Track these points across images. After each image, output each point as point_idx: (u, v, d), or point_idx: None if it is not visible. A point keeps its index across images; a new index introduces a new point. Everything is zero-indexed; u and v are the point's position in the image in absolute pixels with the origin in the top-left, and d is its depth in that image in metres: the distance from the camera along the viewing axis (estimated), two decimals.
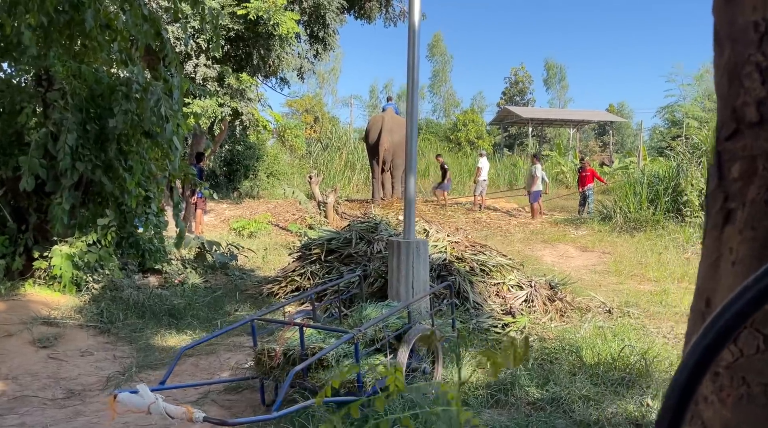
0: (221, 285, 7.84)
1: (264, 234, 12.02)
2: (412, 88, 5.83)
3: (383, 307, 4.64)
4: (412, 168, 5.88)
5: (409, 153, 5.89)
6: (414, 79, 5.82)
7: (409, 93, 5.83)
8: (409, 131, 5.85)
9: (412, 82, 5.81)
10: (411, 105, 5.83)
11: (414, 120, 5.85)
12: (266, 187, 22.62)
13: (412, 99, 5.84)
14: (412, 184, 5.91)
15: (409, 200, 5.90)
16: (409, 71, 5.82)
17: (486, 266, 6.71)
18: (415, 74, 5.83)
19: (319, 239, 7.32)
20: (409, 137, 5.86)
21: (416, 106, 5.87)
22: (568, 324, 5.87)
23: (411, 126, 5.84)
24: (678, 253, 9.94)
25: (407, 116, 5.85)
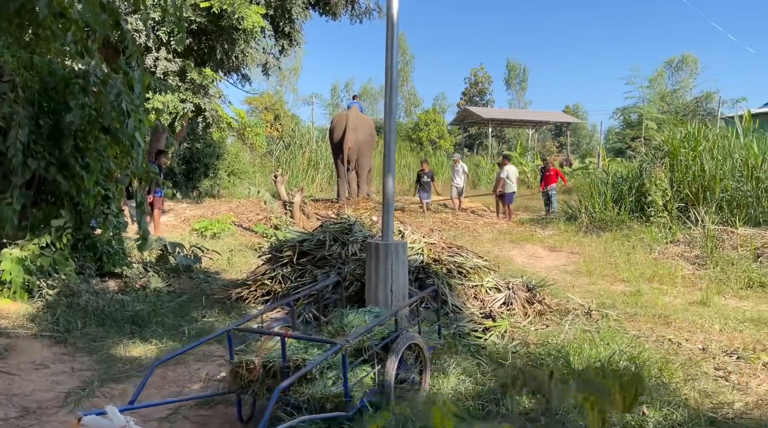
0: (186, 289, 7.46)
1: (228, 235, 11.61)
2: (390, 85, 5.61)
3: (365, 314, 4.40)
4: (391, 168, 5.67)
5: (388, 152, 5.67)
6: (392, 77, 5.61)
7: (388, 90, 5.62)
8: (387, 129, 5.63)
9: (391, 79, 5.60)
10: (390, 101, 5.61)
11: (393, 117, 5.64)
12: (227, 186, 22.06)
13: (391, 96, 5.63)
14: (390, 184, 5.69)
15: (388, 201, 5.69)
16: (388, 68, 5.61)
17: (463, 268, 6.54)
18: (393, 72, 5.62)
19: (291, 240, 7.03)
20: (387, 135, 5.65)
21: (395, 103, 5.66)
22: (549, 327, 5.75)
23: (389, 124, 5.63)
24: (645, 253, 10.00)
25: (386, 113, 5.64)
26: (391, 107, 5.63)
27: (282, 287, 6.59)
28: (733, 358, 4.97)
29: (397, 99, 5.70)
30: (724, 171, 11.89)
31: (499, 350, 5.05)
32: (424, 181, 16.37)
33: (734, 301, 7.26)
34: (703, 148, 12.80)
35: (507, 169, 15.43)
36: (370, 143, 16.71)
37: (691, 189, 12.25)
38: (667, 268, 8.88)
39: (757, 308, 6.73)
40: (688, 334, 5.64)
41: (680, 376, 4.28)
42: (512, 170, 15.62)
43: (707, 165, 12.26)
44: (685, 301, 7.13)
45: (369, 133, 16.53)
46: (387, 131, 5.64)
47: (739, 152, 12.22)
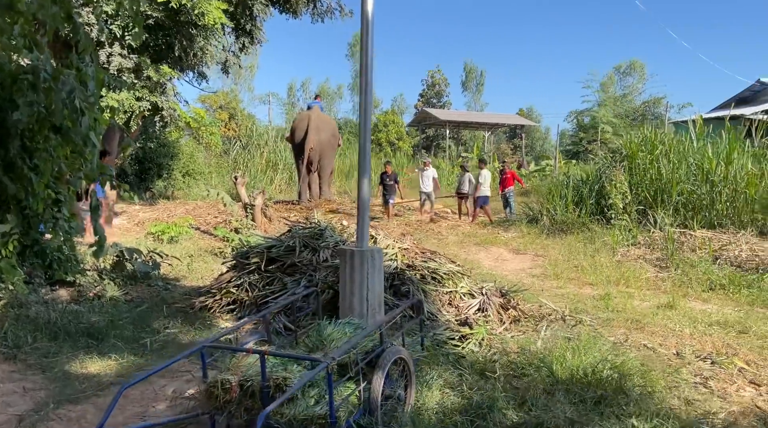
0: (145, 298, 7.08)
1: (186, 239, 11.18)
2: (366, 85, 5.42)
3: (345, 326, 4.20)
4: (366, 170, 5.49)
5: (363, 153, 5.49)
6: (368, 76, 5.43)
7: (363, 89, 5.43)
8: (362, 129, 5.45)
9: (367, 78, 5.42)
10: (365, 101, 5.43)
11: (368, 118, 5.45)
12: (182, 187, 21.41)
13: (366, 96, 5.44)
14: (365, 187, 5.51)
15: (363, 205, 5.50)
16: (363, 67, 5.42)
17: (437, 273, 6.41)
18: (369, 72, 5.44)
19: (258, 246, 6.75)
20: (362, 136, 5.46)
21: (370, 103, 5.48)
22: (525, 334, 5.67)
23: (365, 124, 5.44)
24: (608, 256, 10.11)
25: (360, 111, 5.45)
26: (366, 108, 5.45)
27: (249, 296, 6.32)
28: (707, 363, 4.99)
29: (372, 99, 5.51)
30: (680, 175, 12.16)
31: (479, 359, 4.92)
32: (388, 184, 15.70)
33: (698, 304, 7.35)
34: (659, 152, 13.08)
35: (483, 173, 15.34)
36: (332, 144, 16.45)
37: (649, 192, 12.48)
38: (632, 271, 8.97)
39: (721, 311, 6.82)
40: (661, 339, 5.65)
41: (662, 384, 4.24)
42: (488, 174, 15.52)
43: (664, 169, 12.52)
44: (652, 304, 7.19)
45: (331, 133, 16.27)
46: (362, 131, 5.46)
47: (694, 156, 12.52)
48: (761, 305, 7.21)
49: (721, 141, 12.39)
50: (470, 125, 47.14)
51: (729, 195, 11.22)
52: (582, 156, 34.45)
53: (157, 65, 10.19)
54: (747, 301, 7.40)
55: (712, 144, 12.17)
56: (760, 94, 21.69)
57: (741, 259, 9.11)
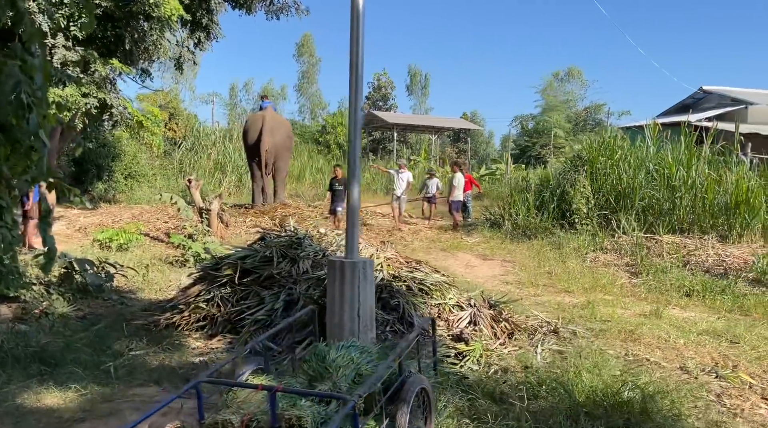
0: (100, 315, 6.41)
1: (137, 247, 10.40)
2: (356, 81, 5.03)
3: (348, 349, 3.77)
4: (356, 173, 5.08)
5: (353, 156, 5.08)
6: (357, 72, 5.03)
7: (353, 86, 5.03)
8: (352, 128, 5.05)
9: (356, 75, 5.02)
10: (355, 97, 5.03)
11: (357, 116, 5.06)
12: (123, 190, 20.25)
13: (356, 92, 5.04)
14: (356, 192, 5.10)
15: (353, 212, 5.09)
16: (353, 65, 5.02)
17: (424, 284, 6.06)
18: (359, 68, 5.05)
19: (230, 257, 6.21)
20: (352, 136, 5.06)
21: (360, 100, 5.09)
22: (522, 349, 5.39)
23: (354, 124, 5.04)
24: (579, 261, 10.04)
25: (350, 110, 5.05)
26: (356, 106, 5.05)
27: (222, 311, 5.78)
28: (713, 377, 4.84)
29: (362, 96, 5.11)
30: (640, 180, 12.29)
31: (482, 379, 4.59)
32: (337, 189, 13.91)
33: (678, 311, 7.30)
34: (618, 157, 13.21)
35: (457, 176, 15.02)
36: (287, 145, 15.86)
37: (610, 197, 12.56)
38: (605, 277, 8.90)
39: (706, 319, 6.77)
40: (659, 351, 5.49)
41: (686, 406, 4.03)
42: (461, 177, 15.19)
43: (624, 174, 12.64)
44: (635, 312, 7.08)
45: (286, 135, 15.67)
46: (351, 131, 5.06)
47: (653, 161, 12.70)
48: (739, 313, 7.22)
49: (673, 147, 12.61)
50: (417, 128, 47.13)
51: (690, 200, 11.40)
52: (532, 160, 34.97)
53: (106, 59, 9.42)
54: (725, 308, 7.40)
55: (672, 149, 12.36)
56: (702, 102, 22.51)
57: (708, 264, 9.20)
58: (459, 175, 14.99)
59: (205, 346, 5.44)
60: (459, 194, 14.80)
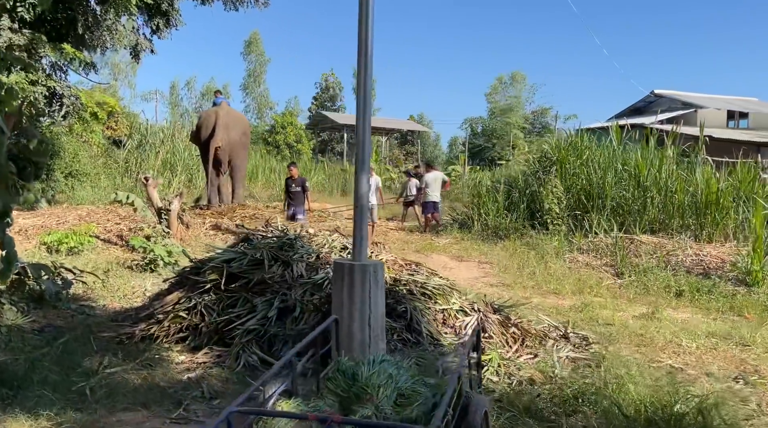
0: (60, 327, 5.68)
1: (90, 250, 9.54)
2: (364, 74, 4.58)
3: (381, 364, 3.30)
4: (365, 164, 4.63)
5: (362, 149, 4.63)
6: (367, 63, 4.59)
7: (361, 78, 4.60)
8: (361, 123, 4.59)
9: (365, 66, 4.57)
10: (363, 92, 4.58)
11: (367, 110, 4.62)
12: (64, 190, 18.91)
13: (365, 86, 4.60)
14: (364, 185, 4.66)
15: (361, 208, 4.64)
16: (362, 54, 4.57)
17: (426, 288, 5.65)
18: (368, 58, 4.59)
19: (213, 260, 5.60)
20: (361, 128, 4.61)
21: (369, 94, 4.64)
22: (537, 357, 5.04)
23: (364, 115, 4.59)
24: (556, 262, 9.85)
25: (358, 104, 4.61)
26: (365, 97, 4.59)
27: (206, 321, 5.18)
28: (740, 383, 4.63)
29: (371, 90, 4.66)
30: (609, 180, 12.28)
31: (509, 393, 4.21)
32: (294, 190, 12.56)
33: (673, 312, 7.15)
34: (587, 157, 13.19)
35: (430, 176, 14.44)
36: (244, 143, 15.08)
37: (581, 197, 12.51)
38: (590, 278, 8.74)
39: (704, 321, 6.65)
40: (676, 356, 5.27)
41: (738, 416, 3.77)
42: (436, 177, 14.63)
43: (594, 174, 12.61)
44: (632, 315, 6.89)
45: (243, 132, 14.89)
46: (361, 122, 4.60)
47: (622, 161, 12.72)
48: (732, 313, 7.14)
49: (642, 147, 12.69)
50: None
51: (660, 200, 11.45)
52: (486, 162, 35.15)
53: (57, 44, 8.56)
54: (715, 308, 7.33)
55: (641, 150, 12.42)
56: (653, 106, 23.10)
57: (687, 264, 9.18)
58: (431, 175, 14.50)
59: (191, 360, 4.84)
60: (436, 195, 14.32)
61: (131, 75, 53.11)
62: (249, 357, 4.71)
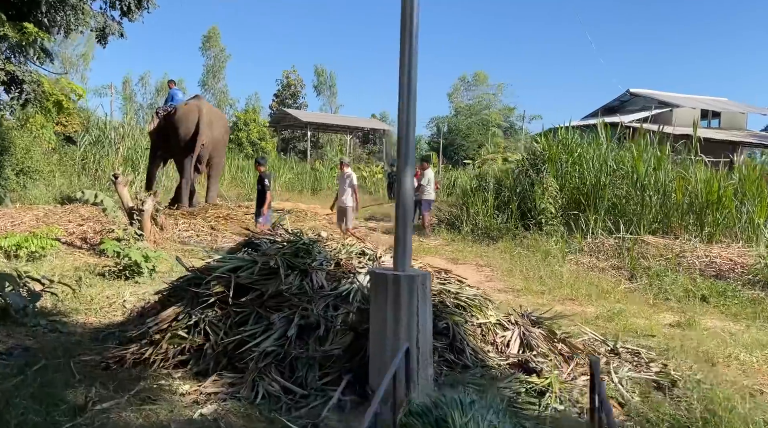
0: (32, 348, 4.80)
1: (54, 255, 8.54)
2: (409, 58, 3.90)
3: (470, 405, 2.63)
4: (409, 159, 3.96)
5: (405, 141, 3.94)
6: (411, 49, 3.92)
7: (405, 65, 3.91)
8: (404, 117, 3.91)
9: (409, 53, 3.90)
10: (408, 80, 3.90)
11: (412, 102, 3.94)
12: (15, 188, 17.51)
13: (409, 73, 3.91)
14: (408, 184, 3.98)
15: (405, 210, 3.97)
16: (404, 40, 3.90)
17: (460, 299, 4.99)
18: (412, 42, 3.92)
19: (216, 269, 4.79)
20: (404, 124, 3.93)
21: (414, 82, 3.96)
22: None
23: (408, 111, 3.92)
24: (562, 265, 9.36)
25: (403, 95, 3.96)
26: (408, 90, 3.90)
27: (211, 342, 4.40)
28: None
29: (416, 77, 3.98)
30: (604, 179, 11.91)
31: None
32: (258, 189, 10.85)
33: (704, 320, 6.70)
34: (578, 155, 12.81)
35: (426, 174, 13.71)
36: (225, 141, 14.22)
37: (575, 197, 12.10)
38: (606, 282, 8.26)
39: (740, 328, 6.22)
40: (744, 376, 4.75)
41: None
42: (431, 175, 13.91)
43: (587, 173, 12.23)
44: (666, 323, 6.40)
45: (224, 129, 14.03)
46: (404, 116, 3.92)
47: (615, 160, 12.37)
48: (761, 319, 6.74)
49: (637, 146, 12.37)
50: (331, 127, 45.90)
51: (659, 200, 11.12)
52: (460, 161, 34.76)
53: (18, 23, 7.56)
54: (743, 314, 6.92)
55: (637, 149, 12.08)
56: (627, 104, 23.07)
57: (699, 266, 8.81)
58: (427, 172, 13.78)
59: (197, 390, 4.05)
60: (429, 193, 13.61)
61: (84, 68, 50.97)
62: (269, 386, 3.96)
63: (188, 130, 12.74)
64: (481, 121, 47.00)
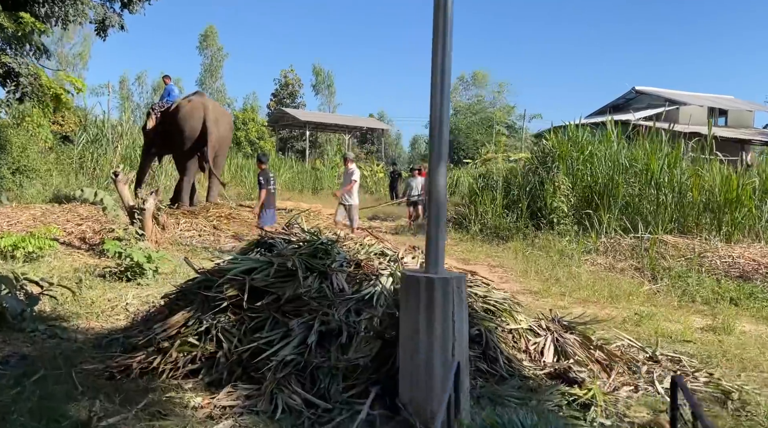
0: (29, 356, 4.46)
1: (52, 256, 8.20)
2: (443, 57, 3.58)
3: None
4: (442, 154, 3.63)
5: (439, 134, 3.62)
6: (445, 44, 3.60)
7: (438, 62, 3.58)
8: (437, 114, 3.60)
9: (444, 48, 3.58)
10: (441, 78, 3.58)
11: (446, 98, 3.62)
12: (11, 187, 17.14)
13: (442, 71, 3.59)
14: (442, 180, 3.66)
15: (439, 207, 3.65)
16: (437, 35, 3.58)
17: (489, 303, 4.67)
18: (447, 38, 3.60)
19: (228, 270, 4.45)
20: (437, 120, 3.62)
21: (448, 80, 3.64)
22: (641, 392, 4.10)
23: (442, 106, 3.60)
24: (580, 266, 9.05)
25: (436, 90, 3.64)
26: (442, 86, 3.59)
27: (225, 350, 4.07)
28: None
29: (450, 75, 3.66)
30: (618, 178, 11.60)
31: None
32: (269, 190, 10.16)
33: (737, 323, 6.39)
34: (589, 153, 12.51)
35: None
36: (229, 139, 13.92)
37: (585, 195, 11.80)
38: (627, 284, 7.95)
39: None
40: None
41: None
42: None
43: (599, 171, 11.93)
44: (698, 327, 6.09)
45: (229, 127, 13.73)
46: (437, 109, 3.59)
47: (628, 158, 12.07)
48: None
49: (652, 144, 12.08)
50: (329, 126, 45.57)
51: (674, 199, 10.82)
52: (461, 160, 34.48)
53: (14, 13, 7.21)
54: None
55: (651, 147, 11.79)
56: (633, 103, 22.79)
57: (722, 267, 8.50)
58: None
59: (211, 404, 3.72)
60: None
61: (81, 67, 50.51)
62: (289, 398, 3.63)
63: (194, 128, 12.35)
64: (481, 120, 46.65)
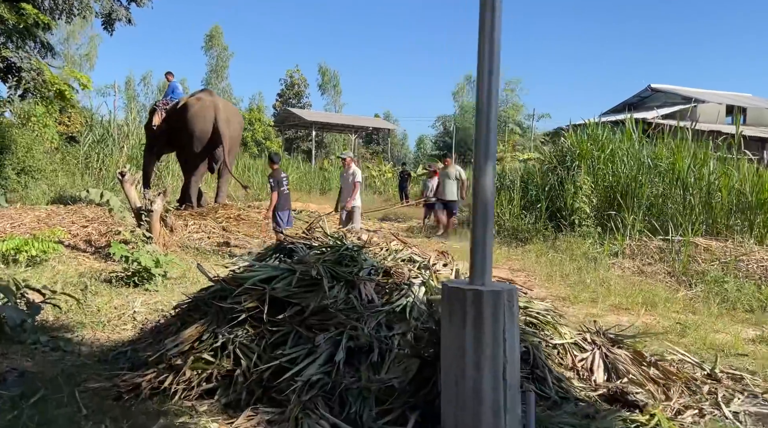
0: (30, 373, 4.08)
1: (56, 260, 7.84)
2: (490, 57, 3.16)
3: None
4: (491, 153, 3.23)
5: (486, 137, 3.21)
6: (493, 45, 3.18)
7: (484, 54, 3.16)
8: (485, 109, 3.18)
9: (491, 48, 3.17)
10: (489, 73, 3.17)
11: (494, 95, 3.20)
12: (16, 188, 16.82)
13: (489, 65, 3.17)
14: (489, 180, 3.26)
15: (485, 210, 3.25)
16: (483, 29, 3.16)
17: (530, 314, 4.27)
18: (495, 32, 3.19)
19: (246, 279, 4.07)
20: (484, 117, 3.20)
21: (497, 75, 3.22)
22: (708, 417, 3.68)
23: (489, 103, 3.19)
24: (608, 270, 8.62)
25: (483, 87, 3.19)
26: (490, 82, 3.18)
27: (243, 368, 3.68)
28: None
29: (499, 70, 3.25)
30: (642, 177, 11.17)
31: None
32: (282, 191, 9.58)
33: None
34: (610, 151, 12.09)
35: (450, 172, 12.97)
36: (239, 138, 13.60)
37: (608, 195, 11.37)
38: (662, 290, 7.52)
39: None
40: None
41: None
42: (457, 173, 13.13)
43: (622, 171, 11.50)
44: (747, 339, 5.66)
45: (240, 126, 13.43)
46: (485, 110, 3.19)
47: (652, 157, 11.63)
48: None
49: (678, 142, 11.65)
50: (336, 127, 45.17)
51: (702, 199, 10.38)
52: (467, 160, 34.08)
53: (16, 4, 6.84)
54: None
55: (676, 145, 11.35)
56: (648, 100, 22.31)
57: (760, 271, 8.07)
58: (454, 170, 13.18)
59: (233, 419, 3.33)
60: (454, 192, 12.93)
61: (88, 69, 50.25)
62: (317, 425, 3.24)
63: (205, 128, 11.96)
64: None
